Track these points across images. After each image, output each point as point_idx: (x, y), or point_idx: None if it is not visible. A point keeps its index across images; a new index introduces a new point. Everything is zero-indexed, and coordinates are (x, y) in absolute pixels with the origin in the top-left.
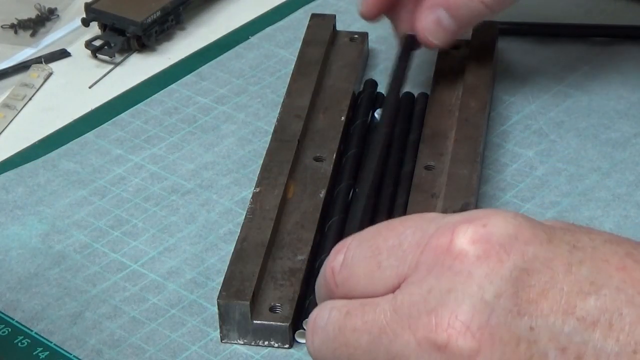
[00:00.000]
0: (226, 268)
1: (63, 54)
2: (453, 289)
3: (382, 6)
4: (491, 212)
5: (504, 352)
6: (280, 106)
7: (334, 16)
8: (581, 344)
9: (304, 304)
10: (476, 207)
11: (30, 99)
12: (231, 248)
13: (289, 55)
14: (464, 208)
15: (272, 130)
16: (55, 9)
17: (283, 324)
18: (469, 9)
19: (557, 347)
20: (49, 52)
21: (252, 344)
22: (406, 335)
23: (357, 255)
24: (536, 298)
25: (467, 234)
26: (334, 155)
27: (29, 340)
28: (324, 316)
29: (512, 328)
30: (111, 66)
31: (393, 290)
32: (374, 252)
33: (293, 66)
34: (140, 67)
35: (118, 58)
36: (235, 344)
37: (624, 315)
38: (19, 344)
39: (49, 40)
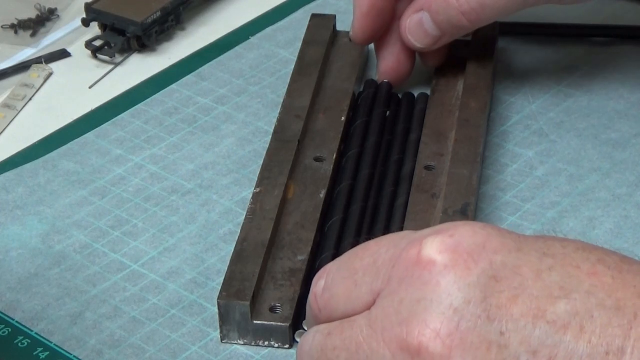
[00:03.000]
0: (226, 268)
1: (63, 54)
2: (422, 298)
3: (371, 33)
4: (460, 224)
5: (475, 357)
6: (280, 106)
7: (334, 16)
8: (552, 346)
9: (304, 304)
10: (476, 207)
11: (30, 99)
12: (231, 248)
13: (289, 55)
14: (464, 208)
15: (272, 130)
16: (55, 9)
17: (283, 324)
18: (447, 16)
19: (528, 350)
20: (49, 52)
21: (252, 344)
22: (381, 349)
23: (336, 278)
24: (506, 303)
25: (434, 244)
26: (334, 155)
27: (29, 340)
28: (309, 341)
29: (482, 333)
30: (111, 66)
31: (370, 307)
32: (350, 272)
33: (293, 66)
34: (140, 67)
35: (118, 58)
36: (235, 344)
37: (594, 318)
38: (19, 344)
39: (49, 40)
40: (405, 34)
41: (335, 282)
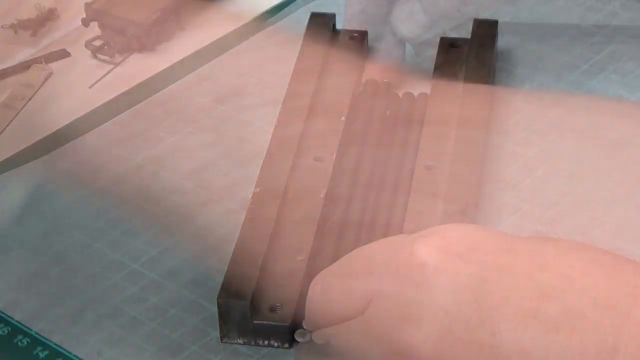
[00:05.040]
0: (226, 268)
1: (63, 54)
2: (414, 301)
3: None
4: (452, 226)
5: (466, 358)
6: (280, 106)
7: (334, 15)
8: (544, 346)
9: (304, 304)
10: (476, 207)
11: (30, 99)
12: (231, 248)
13: (289, 55)
14: (464, 208)
15: (272, 130)
16: (55, 9)
17: (283, 323)
18: (437, 6)
19: (520, 351)
20: (49, 52)
21: (252, 343)
22: (375, 352)
23: (332, 282)
24: (497, 304)
25: (426, 246)
26: (334, 155)
27: (29, 340)
28: (305, 346)
29: (473, 334)
30: (111, 66)
31: (364, 310)
32: (346, 277)
33: (293, 66)
34: (140, 67)
35: (118, 58)
36: (235, 343)
37: (587, 317)
38: (19, 343)
39: (49, 40)
40: (396, 24)
41: (331, 286)
